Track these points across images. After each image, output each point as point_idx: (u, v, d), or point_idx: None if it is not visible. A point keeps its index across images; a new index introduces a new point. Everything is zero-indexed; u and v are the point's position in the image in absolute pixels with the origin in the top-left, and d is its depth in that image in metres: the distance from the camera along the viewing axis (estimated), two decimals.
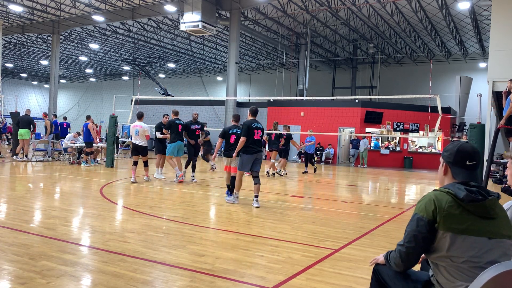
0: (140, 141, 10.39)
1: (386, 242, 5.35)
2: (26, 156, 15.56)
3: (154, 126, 11.70)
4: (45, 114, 18.95)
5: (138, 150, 10.49)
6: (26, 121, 15.30)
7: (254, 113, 7.98)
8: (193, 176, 11.12)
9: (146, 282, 3.51)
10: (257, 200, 7.61)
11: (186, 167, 11.37)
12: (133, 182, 10.04)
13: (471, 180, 2.12)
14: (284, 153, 14.36)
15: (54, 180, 10.47)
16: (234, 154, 7.96)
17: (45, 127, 16.93)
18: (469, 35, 27.03)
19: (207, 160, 15.41)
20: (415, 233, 2.09)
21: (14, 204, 6.73)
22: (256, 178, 7.70)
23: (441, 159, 2.26)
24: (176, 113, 11.20)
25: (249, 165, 7.73)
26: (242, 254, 4.44)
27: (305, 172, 15.76)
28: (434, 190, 2.13)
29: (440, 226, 2.01)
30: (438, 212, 2.02)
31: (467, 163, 2.13)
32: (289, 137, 14.09)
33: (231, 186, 8.17)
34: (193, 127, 11.07)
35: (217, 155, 8.67)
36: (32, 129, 15.54)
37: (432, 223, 2.03)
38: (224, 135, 8.45)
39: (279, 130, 14.10)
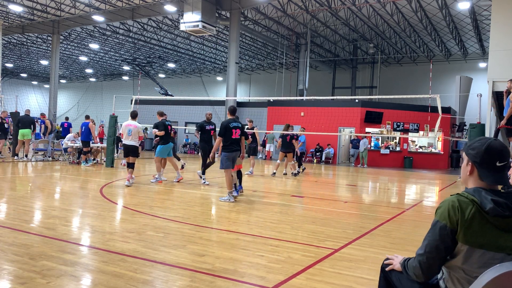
0: (132, 141, 9.78)
1: (386, 242, 5.35)
2: (26, 156, 15.56)
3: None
4: (43, 115, 18.94)
5: (129, 150, 9.84)
6: (28, 121, 15.36)
7: (233, 112, 8.26)
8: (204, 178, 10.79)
9: (146, 282, 3.51)
10: (234, 192, 8.26)
11: (204, 171, 10.73)
12: (128, 186, 9.49)
13: (501, 182, 1.92)
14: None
15: (54, 180, 10.47)
16: (211, 155, 8.39)
17: (46, 126, 16.93)
18: (469, 35, 27.04)
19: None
20: (437, 243, 1.92)
21: (14, 204, 6.73)
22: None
23: (464, 156, 2.04)
24: (162, 114, 11.00)
25: (231, 163, 8.02)
26: (242, 254, 4.44)
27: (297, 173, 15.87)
28: (458, 194, 1.95)
29: (460, 237, 1.88)
30: (460, 221, 1.86)
31: (497, 164, 1.91)
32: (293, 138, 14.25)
33: (233, 183, 8.33)
34: (207, 127, 10.66)
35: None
36: (33, 129, 15.57)
37: (454, 233, 1.89)
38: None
39: (292, 131, 13.94)
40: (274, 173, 14.00)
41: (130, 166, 9.80)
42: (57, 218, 5.81)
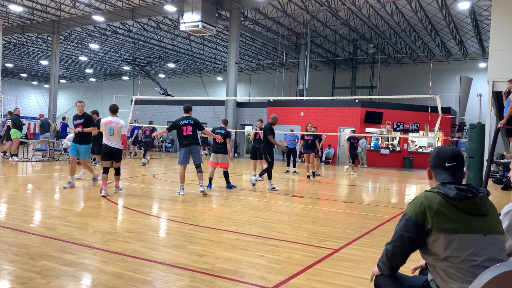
0: (113, 142, 8.14)
1: (386, 242, 5.34)
2: (15, 155, 15.27)
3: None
4: (41, 115, 18.89)
5: (111, 154, 8.19)
6: (13, 121, 15.31)
7: (186, 110, 8.80)
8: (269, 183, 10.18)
9: (146, 282, 3.51)
10: (201, 186, 8.63)
11: (269, 177, 10.20)
12: (104, 196, 7.80)
13: (454, 181, 2.13)
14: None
15: (54, 180, 10.46)
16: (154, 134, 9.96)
17: (44, 126, 16.92)
18: (469, 35, 27.04)
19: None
20: (402, 233, 2.09)
21: (14, 204, 6.73)
22: (197, 167, 8.71)
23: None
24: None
25: (187, 158, 8.66)
26: (242, 254, 4.44)
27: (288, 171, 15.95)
28: (425, 191, 2.13)
29: (434, 227, 2.00)
30: (429, 213, 2.01)
31: (446, 164, 2.17)
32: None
33: (226, 178, 9.94)
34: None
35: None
36: (21, 129, 15.48)
37: (421, 226, 2.03)
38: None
39: (313, 131, 13.76)
40: (309, 176, 13.66)
41: (117, 172, 8.34)
42: (57, 218, 5.81)
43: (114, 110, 8.39)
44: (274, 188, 10.13)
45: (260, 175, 10.43)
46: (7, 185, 9.11)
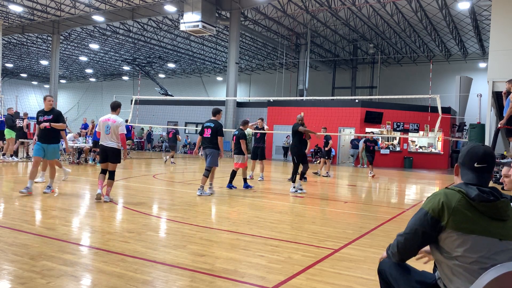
0: (109, 142, 7.33)
1: (386, 242, 5.34)
2: (9, 155, 15.10)
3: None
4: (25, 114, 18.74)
5: (107, 154, 7.38)
6: (6, 121, 15.03)
7: (213, 113, 8.88)
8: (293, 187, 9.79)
9: (146, 282, 3.51)
10: (199, 190, 8.61)
11: (301, 177, 10.04)
12: (98, 200, 7.24)
13: (479, 183, 2.07)
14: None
15: (54, 180, 10.44)
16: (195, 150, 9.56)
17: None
18: (469, 35, 27.05)
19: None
20: (417, 227, 2.07)
21: (14, 204, 6.73)
22: (205, 170, 8.71)
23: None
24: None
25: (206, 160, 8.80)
26: (242, 254, 4.43)
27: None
28: (446, 188, 2.11)
29: (449, 225, 1.97)
30: (447, 210, 1.98)
31: (475, 165, 2.10)
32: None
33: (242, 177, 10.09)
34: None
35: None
36: (14, 129, 15.21)
37: (436, 222, 2.00)
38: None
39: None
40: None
41: (111, 176, 7.41)
42: (57, 218, 5.80)
43: (113, 107, 7.54)
44: (300, 190, 9.64)
45: (301, 178, 9.99)
46: (7, 185, 9.10)
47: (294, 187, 9.68)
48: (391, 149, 23.89)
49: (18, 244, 4.38)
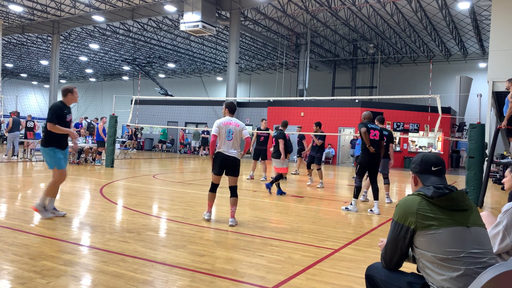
0: (232, 150, 6.14)
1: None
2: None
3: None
4: (29, 116, 18.78)
5: (228, 166, 6.16)
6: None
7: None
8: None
9: (146, 282, 3.51)
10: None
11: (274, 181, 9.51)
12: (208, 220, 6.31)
13: (442, 182, 2.25)
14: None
15: None
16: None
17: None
18: (469, 35, 27.03)
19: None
20: (393, 237, 2.22)
21: (14, 204, 6.73)
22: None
23: (410, 173, 2.43)
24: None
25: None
26: (242, 254, 4.44)
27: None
28: (408, 195, 2.26)
29: (418, 226, 2.11)
30: (411, 215, 2.13)
31: (432, 168, 2.30)
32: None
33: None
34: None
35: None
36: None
37: (406, 228, 2.15)
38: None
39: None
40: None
41: (233, 193, 6.22)
42: (57, 218, 5.81)
43: (233, 109, 6.36)
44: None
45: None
46: (7, 185, 9.10)
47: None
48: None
49: (18, 244, 4.39)
